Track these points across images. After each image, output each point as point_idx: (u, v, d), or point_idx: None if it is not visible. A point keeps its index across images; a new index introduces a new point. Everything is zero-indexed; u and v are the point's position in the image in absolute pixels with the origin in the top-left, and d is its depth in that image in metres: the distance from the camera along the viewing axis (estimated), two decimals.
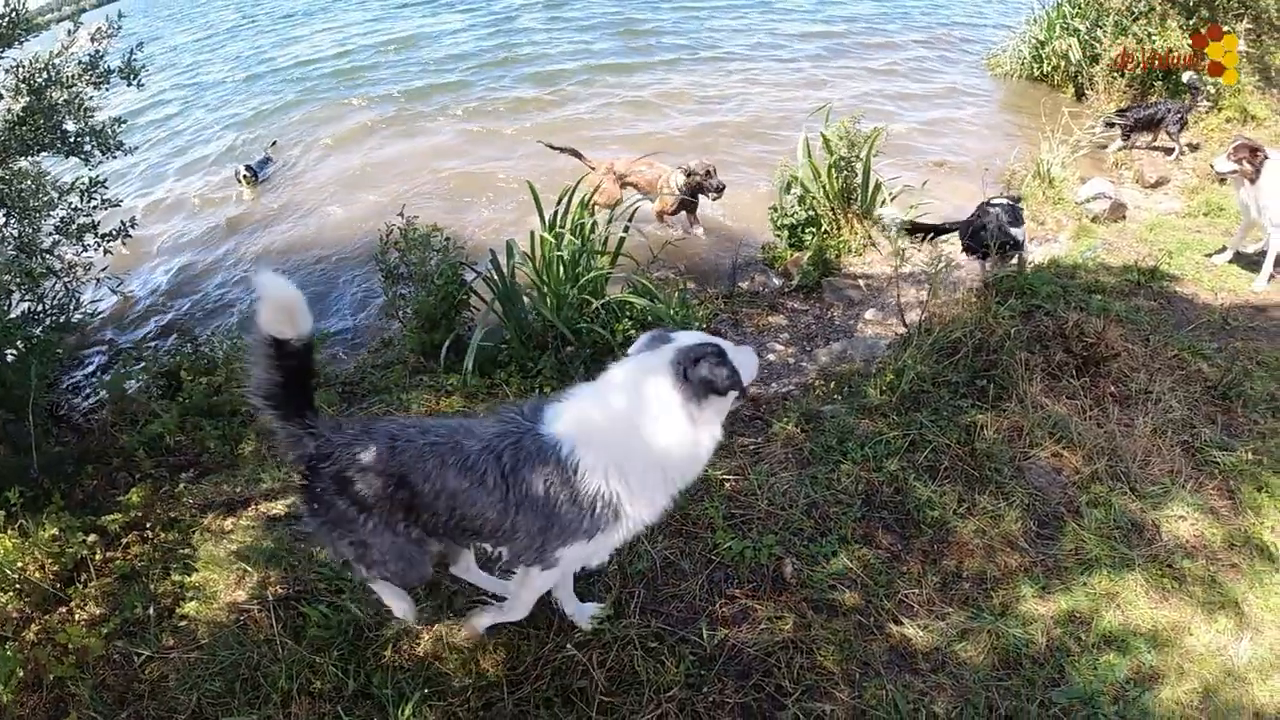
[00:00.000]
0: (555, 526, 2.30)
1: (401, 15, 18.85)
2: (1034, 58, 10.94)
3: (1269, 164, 5.18)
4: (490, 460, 2.26)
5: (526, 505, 2.27)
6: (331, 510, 2.38)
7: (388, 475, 2.30)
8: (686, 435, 2.25)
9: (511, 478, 2.26)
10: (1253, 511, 3.45)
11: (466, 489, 2.27)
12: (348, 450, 2.32)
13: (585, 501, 2.26)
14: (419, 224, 4.69)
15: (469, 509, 2.30)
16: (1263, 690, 2.78)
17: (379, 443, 2.32)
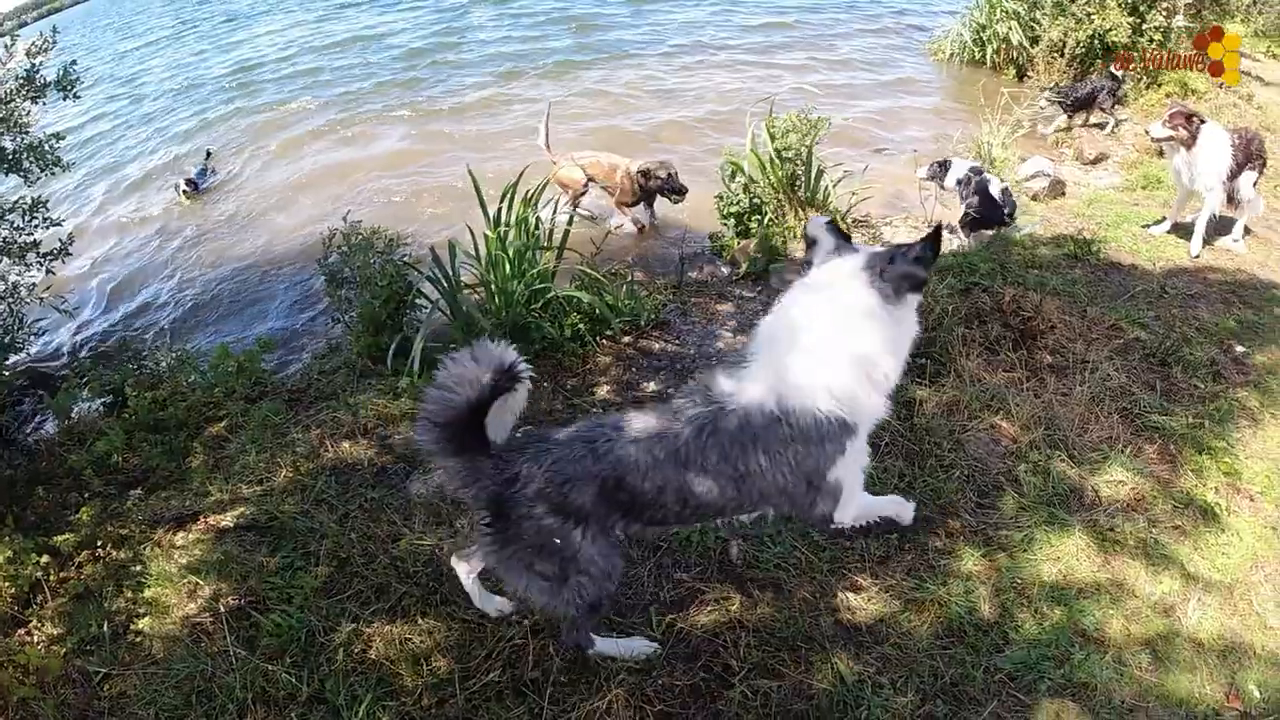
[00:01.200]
0: (801, 470, 2.29)
1: (345, 15, 18.63)
2: (975, 42, 11.10)
3: (1205, 129, 5.30)
4: (705, 441, 2.24)
5: (762, 471, 2.27)
6: (532, 533, 2.30)
7: (603, 479, 2.27)
8: (895, 330, 2.25)
9: (735, 453, 2.24)
10: (1194, 474, 3.57)
11: (693, 478, 2.26)
12: (544, 465, 2.27)
13: (821, 434, 2.24)
14: (362, 227, 4.67)
15: (706, 495, 2.30)
16: (1211, 650, 2.87)
17: (577, 449, 2.29)
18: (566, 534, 2.30)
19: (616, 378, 4.45)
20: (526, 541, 2.32)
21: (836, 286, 2.23)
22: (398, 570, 3.14)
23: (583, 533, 2.32)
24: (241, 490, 3.72)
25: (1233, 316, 4.74)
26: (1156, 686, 2.74)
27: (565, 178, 6.75)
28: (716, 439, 2.24)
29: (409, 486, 3.64)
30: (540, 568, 2.37)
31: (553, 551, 2.32)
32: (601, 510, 2.31)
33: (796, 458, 2.26)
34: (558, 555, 2.33)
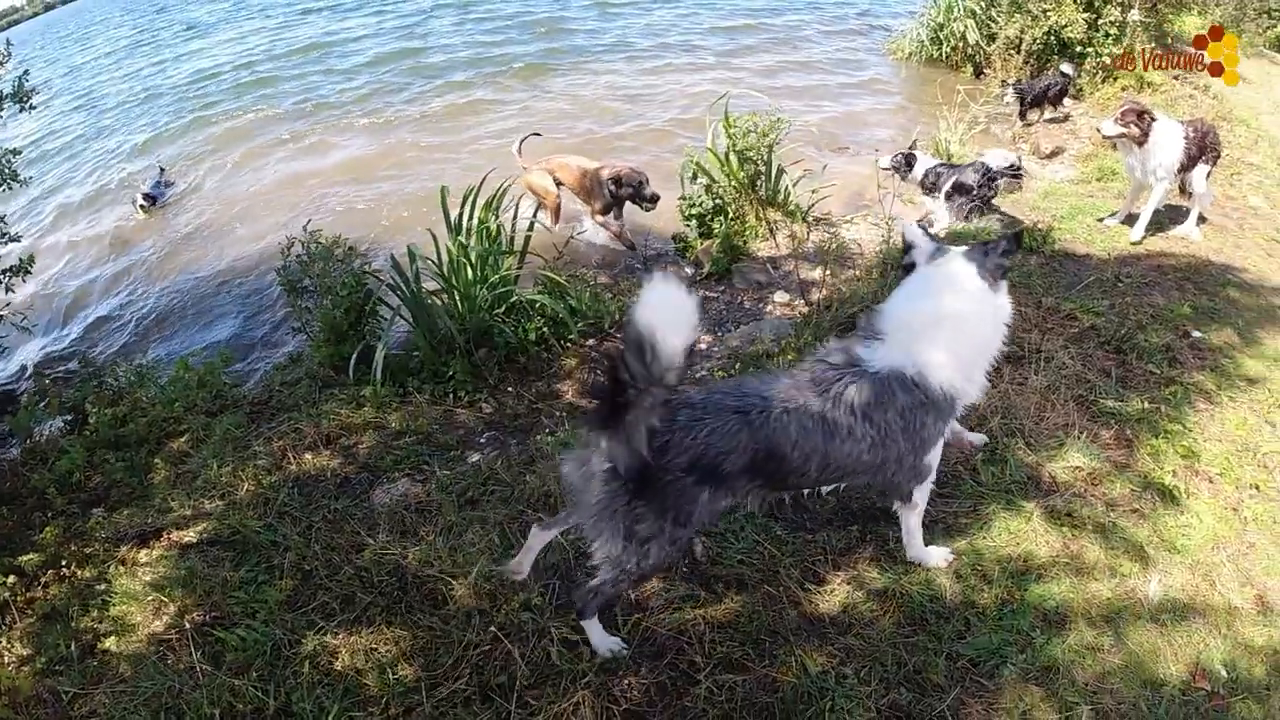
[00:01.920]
0: (919, 439, 2.54)
1: (306, 21, 18.50)
2: (932, 40, 11.26)
3: (1157, 126, 5.35)
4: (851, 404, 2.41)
5: (894, 434, 2.48)
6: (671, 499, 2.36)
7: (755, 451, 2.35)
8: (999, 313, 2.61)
9: (878, 416, 2.43)
10: (1151, 458, 3.62)
11: (837, 444, 2.41)
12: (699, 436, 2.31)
13: (940, 407, 2.51)
14: (322, 235, 4.64)
15: (844, 460, 2.47)
16: (1178, 630, 2.92)
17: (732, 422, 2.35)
18: (696, 500, 2.39)
19: (582, 380, 4.47)
20: (655, 507, 2.36)
21: (957, 275, 2.57)
22: (362, 580, 3.13)
23: (708, 498, 2.41)
24: (204, 505, 3.69)
25: (1187, 302, 4.81)
26: (1121, 668, 2.78)
27: (536, 185, 6.66)
28: (861, 400, 2.42)
29: (373, 496, 3.63)
30: (645, 532, 2.40)
31: (675, 519, 2.40)
32: (743, 480, 2.43)
33: (920, 424, 2.51)
34: (672, 522, 2.40)
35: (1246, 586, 3.15)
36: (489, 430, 4.09)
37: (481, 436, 4.05)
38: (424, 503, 3.51)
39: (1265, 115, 9.36)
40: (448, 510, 3.41)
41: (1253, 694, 2.74)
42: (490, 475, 3.59)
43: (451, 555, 3.14)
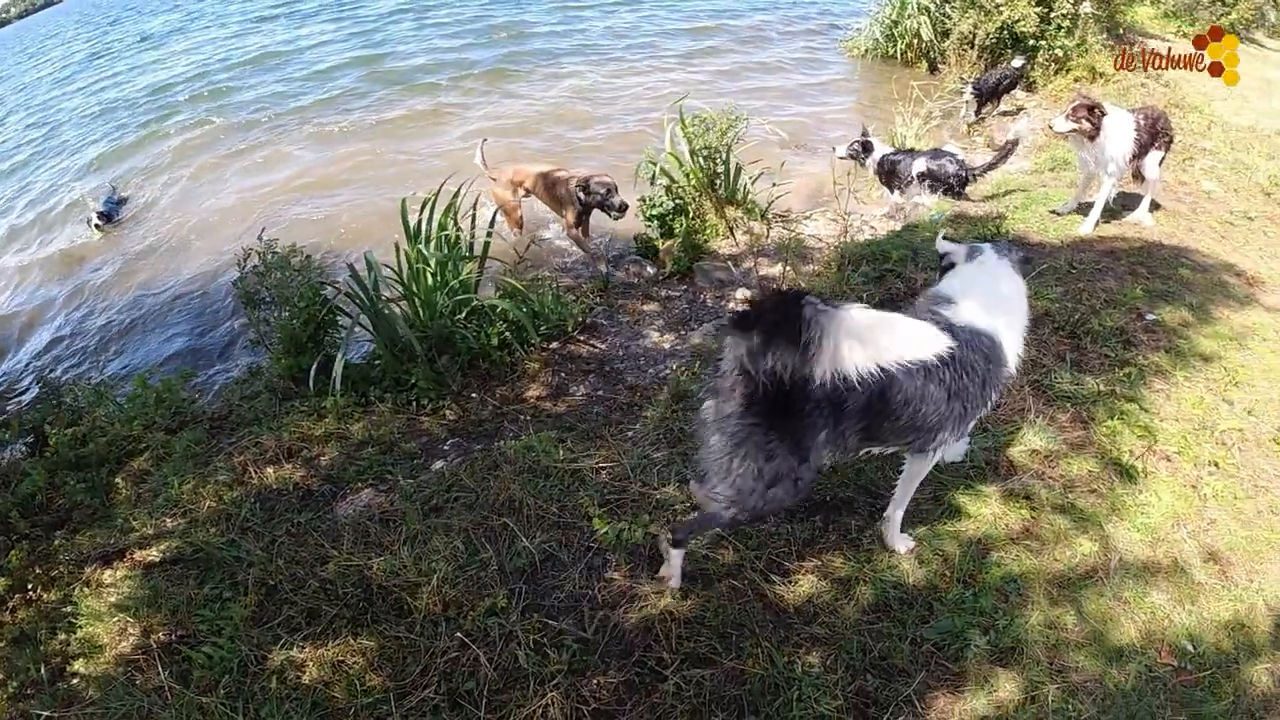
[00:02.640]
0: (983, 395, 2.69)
1: (261, 30, 18.28)
2: (887, 38, 11.39)
3: (1108, 120, 5.40)
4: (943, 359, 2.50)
5: (975, 386, 2.63)
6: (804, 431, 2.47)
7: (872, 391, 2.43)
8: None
9: (962, 372, 2.58)
10: (1108, 438, 3.68)
11: (931, 391, 2.54)
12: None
13: (1003, 369, 2.72)
14: (279, 245, 4.59)
15: (926, 410, 2.57)
16: (1141, 607, 2.98)
17: None
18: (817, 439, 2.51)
19: (546, 383, 4.46)
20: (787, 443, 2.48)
21: (1001, 267, 2.89)
22: (327, 593, 3.10)
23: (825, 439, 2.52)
24: (166, 523, 3.64)
25: (1140, 286, 4.90)
26: (1085, 646, 2.83)
27: (500, 196, 6.54)
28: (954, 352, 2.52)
29: (336, 508, 3.59)
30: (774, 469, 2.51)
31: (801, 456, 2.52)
32: (853, 422, 2.53)
33: (992, 381, 2.70)
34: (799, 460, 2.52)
35: (1209, 562, 3.21)
36: (453, 437, 4.07)
37: (445, 443, 4.03)
38: (388, 512, 3.48)
39: (1218, 101, 9.53)
40: (412, 519, 3.38)
41: (1220, 668, 2.80)
42: (454, 482, 3.57)
43: (417, 564, 3.12)
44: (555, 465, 3.54)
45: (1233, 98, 9.86)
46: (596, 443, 3.75)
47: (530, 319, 4.60)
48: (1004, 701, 2.64)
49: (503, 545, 3.21)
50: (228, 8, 24.80)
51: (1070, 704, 2.64)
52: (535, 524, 3.29)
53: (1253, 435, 3.86)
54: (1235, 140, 8.21)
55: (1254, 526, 3.39)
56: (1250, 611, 3.03)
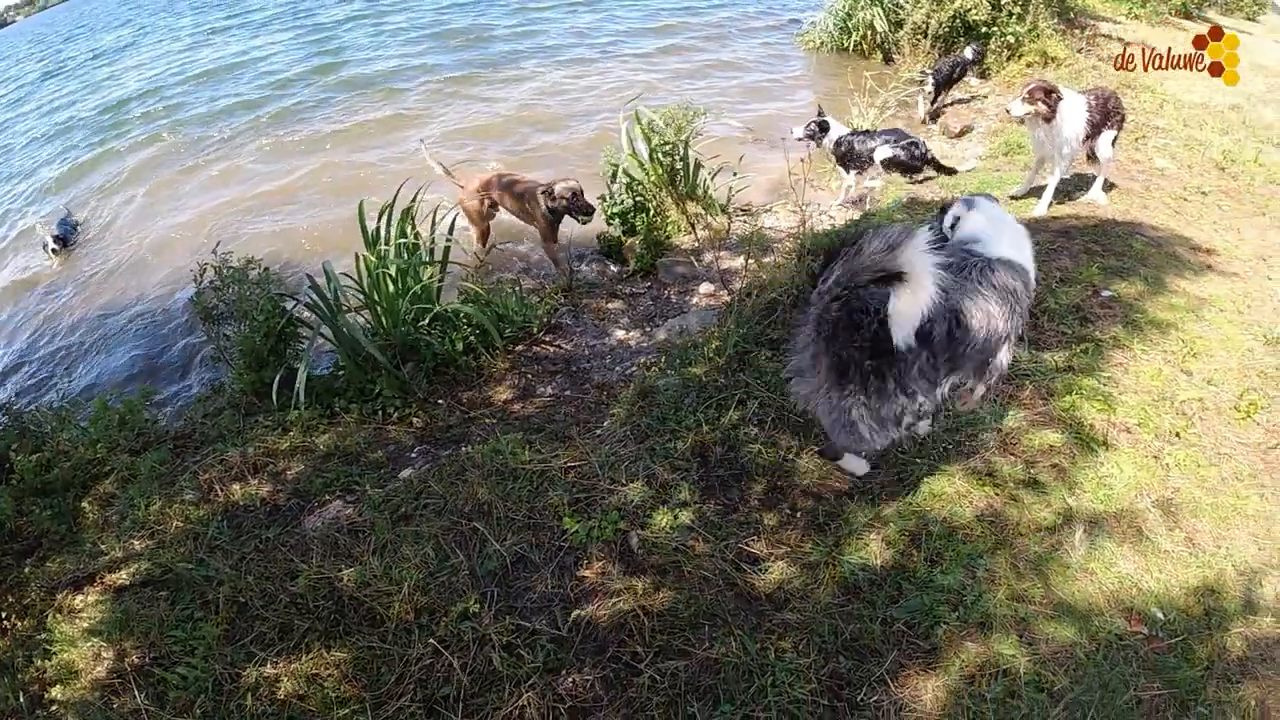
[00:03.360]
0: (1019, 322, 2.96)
1: (214, 42, 18.01)
2: (841, 30, 11.48)
3: (1064, 103, 5.49)
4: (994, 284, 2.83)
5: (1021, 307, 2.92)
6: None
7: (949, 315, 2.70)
8: None
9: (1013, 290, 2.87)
10: (1068, 413, 3.73)
11: (994, 309, 2.80)
12: None
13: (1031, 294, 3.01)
14: (235, 258, 4.54)
15: (994, 330, 2.83)
16: (1109, 578, 3.01)
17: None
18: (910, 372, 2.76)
19: (513, 385, 4.46)
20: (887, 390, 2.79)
21: (995, 210, 3.24)
22: (298, 607, 3.08)
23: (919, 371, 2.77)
24: (134, 545, 3.60)
25: (1095, 264, 4.96)
26: (1054, 618, 2.86)
27: (468, 208, 6.38)
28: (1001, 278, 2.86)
29: (304, 522, 3.56)
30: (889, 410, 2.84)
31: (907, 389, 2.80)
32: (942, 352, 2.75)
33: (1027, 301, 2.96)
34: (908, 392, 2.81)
35: (1175, 530, 3.26)
36: (420, 444, 4.05)
37: (412, 451, 4.01)
38: (356, 523, 3.45)
39: (1170, 81, 9.67)
40: (381, 528, 3.36)
41: (1193, 634, 2.83)
42: (423, 489, 3.55)
43: (387, 573, 3.10)
44: (523, 467, 3.53)
45: (1185, 76, 10.04)
46: (565, 443, 3.75)
47: (495, 322, 4.58)
48: (976, 676, 2.67)
49: (473, 549, 3.20)
50: (179, 21, 24.51)
51: (1042, 675, 2.67)
52: (505, 526, 3.28)
53: (1213, 404, 3.93)
54: (1188, 117, 8.34)
55: (1219, 493, 3.44)
56: (1220, 577, 3.07)
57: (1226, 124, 8.43)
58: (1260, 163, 7.29)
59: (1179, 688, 2.67)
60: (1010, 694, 2.62)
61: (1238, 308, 4.79)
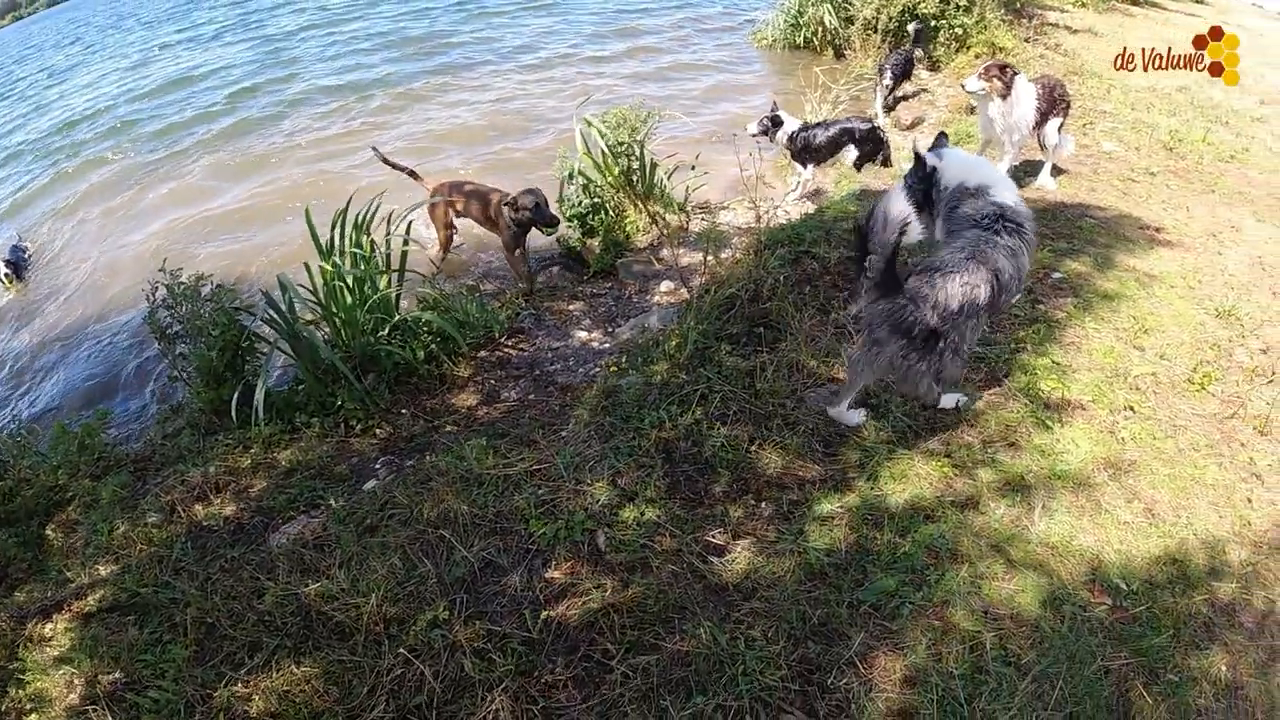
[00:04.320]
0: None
1: (164, 58, 17.64)
2: (793, 26, 11.59)
3: (1019, 80, 5.63)
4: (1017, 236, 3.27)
5: (1032, 249, 3.39)
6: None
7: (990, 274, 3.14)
8: None
9: (1026, 236, 3.32)
10: (1021, 393, 3.81)
11: (1018, 260, 3.24)
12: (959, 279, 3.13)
13: None
14: (187, 275, 4.47)
15: (1019, 273, 3.29)
16: (1070, 551, 3.08)
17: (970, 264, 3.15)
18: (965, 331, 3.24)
19: (477, 391, 4.45)
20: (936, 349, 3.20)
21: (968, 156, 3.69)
22: (267, 625, 3.05)
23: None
24: (100, 571, 3.54)
25: (1046, 247, 5.05)
26: (1017, 593, 2.92)
27: (434, 217, 6.28)
28: (1018, 230, 3.28)
29: (269, 539, 3.53)
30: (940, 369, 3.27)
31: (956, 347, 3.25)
32: (982, 312, 3.21)
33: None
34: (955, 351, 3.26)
35: (1133, 501, 3.34)
36: (384, 455, 4.03)
37: (376, 462, 3.98)
38: (322, 537, 3.42)
39: None
40: (347, 541, 3.33)
41: (1158, 603, 2.90)
42: (388, 500, 3.53)
43: (354, 585, 3.08)
44: (488, 473, 3.53)
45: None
46: (530, 446, 3.75)
47: (456, 328, 4.57)
48: (943, 653, 2.71)
49: (440, 557, 3.18)
50: (128, 37, 24.06)
51: (1008, 650, 2.73)
52: (472, 532, 3.27)
53: (1166, 378, 4.02)
54: (1135, 101, 8.51)
55: (1176, 464, 3.52)
56: (1181, 546, 3.15)
57: (1174, 105, 8.62)
58: (1209, 141, 7.48)
59: (1146, 656, 2.74)
60: (978, 669, 2.66)
61: (1188, 283, 4.91)
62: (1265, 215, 6.06)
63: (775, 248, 4.71)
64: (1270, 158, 7.58)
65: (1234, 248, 5.50)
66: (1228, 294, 4.80)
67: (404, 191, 6.40)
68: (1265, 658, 2.81)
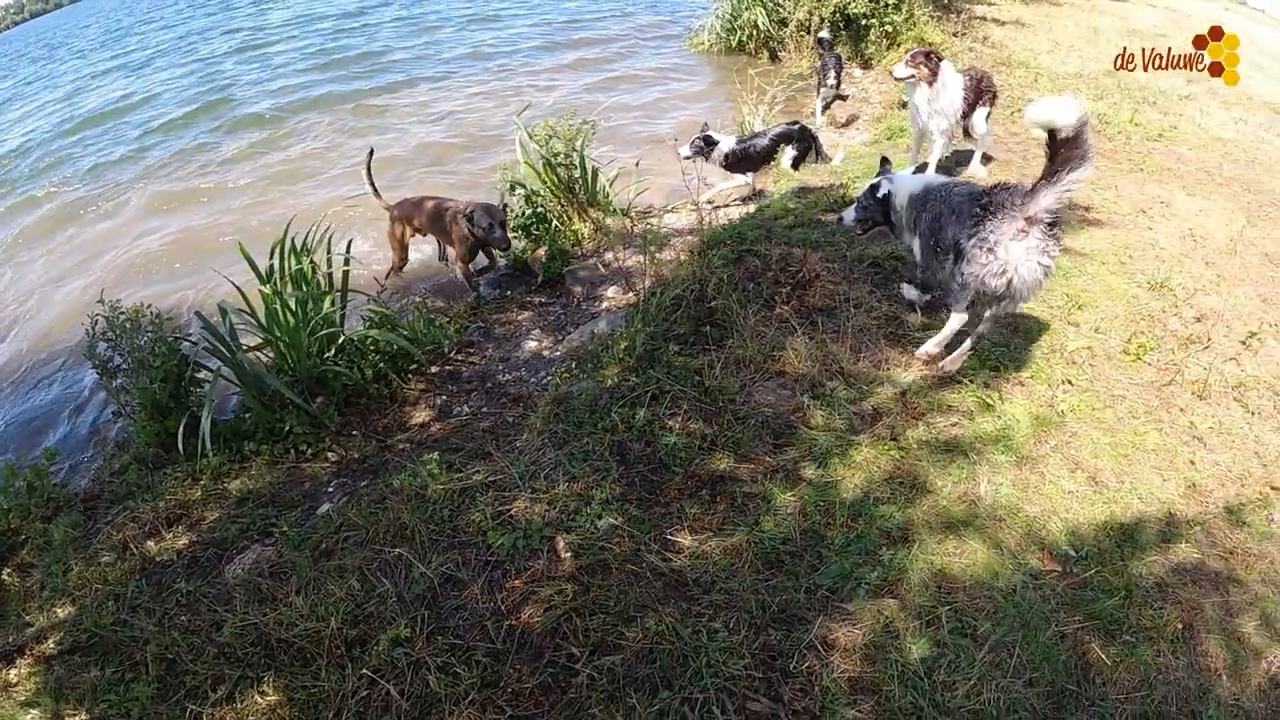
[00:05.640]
0: None
1: (96, 88, 17.13)
2: (728, 30, 11.75)
3: (944, 66, 5.78)
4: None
5: None
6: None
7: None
8: None
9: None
10: (962, 374, 3.91)
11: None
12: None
13: None
14: (125, 306, 4.38)
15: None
16: (1017, 522, 3.18)
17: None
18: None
19: (429, 408, 4.43)
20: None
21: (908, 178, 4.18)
22: (228, 657, 2.99)
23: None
24: (58, 613, 3.46)
25: None
26: (970, 566, 3.01)
27: (389, 235, 6.13)
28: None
29: (224, 570, 3.47)
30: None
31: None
32: None
33: None
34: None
35: (1076, 470, 3.46)
36: (337, 478, 3.98)
37: (329, 485, 3.94)
38: (277, 565, 3.38)
39: (1044, 54, 10.18)
40: (303, 567, 3.30)
41: (1107, 567, 3.00)
42: (343, 522, 3.49)
43: (313, 610, 3.04)
44: (443, 488, 3.51)
45: (1059, 49, 10.54)
46: (484, 459, 3.74)
47: (407, 345, 4.54)
48: (901, 630, 2.78)
49: (399, 576, 3.16)
50: (60, 67, 23.42)
51: (964, 622, 2.81)
52: (430, 549, 3.25)
53: (1102, 351, 4.17)
54: (1062, 88, 8.73)
55: (1116, 432, 3.66)
56: (1126, 510, 3.28)
57: (1101, 89, 8.87)
58: (1136, 122, 7.72)
59: (1100, 618, 2.83)
60: (936, 643, 2.73)
61: (1120, 259, 5.08)
62: (1195, 189, 6.28)
63: (718, 247, 4.78)
64: (1198, 133, 7.86)
65: (1164, 222, 5.70)
66: (1159, 267, 4.97)
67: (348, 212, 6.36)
68: (1222, 614, 2.91)
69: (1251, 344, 4.24)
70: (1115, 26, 12.11)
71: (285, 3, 26.72)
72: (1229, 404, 3.90)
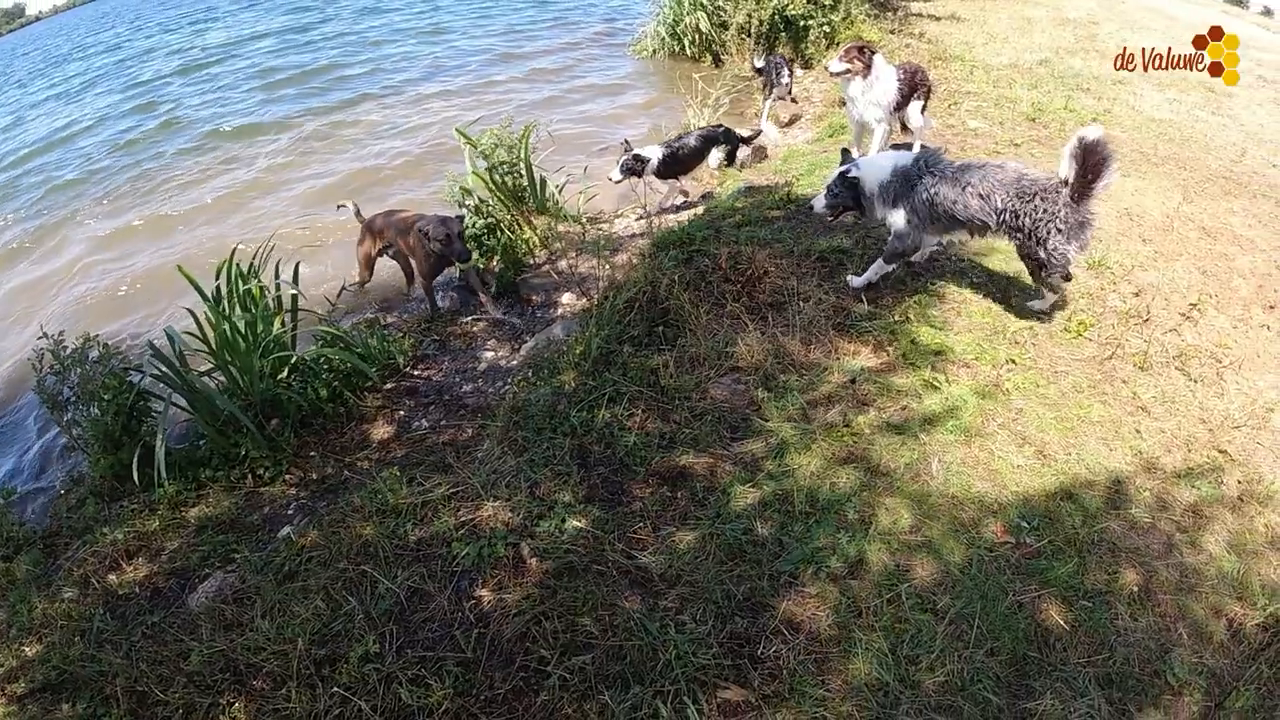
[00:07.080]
0: None
1: (31, 121, 16.48)
2: (671, 35, 11.86)
3: (877, 59, 5.93)
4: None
5: None
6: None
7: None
8: None
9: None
10: (908, 360, 4.02)
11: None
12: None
13: None
14: (72, 338, 4.31)
15: None
16: (969, 500, 3.27)
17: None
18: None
19: (387, 423, 4.42)
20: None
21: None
22: (197, 685, 2.96)
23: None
24: (26, 651, 3.38)
25: None
26: (926, 544, 3.09)
27: (359, 249, 6.02)
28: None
29: (187, 600, 3.44)
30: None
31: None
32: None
33: None
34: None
35: (1024, 445, 3.57)
36: (297, 500, 3.96)
37: (289, 508, 3.91)
38: (240, 590, 3.35)
39: (979, 47, 10.37)
40: (267, 591, 3.28)
41: (1060, 535, 3.10)
42: (304, 544, 3.48)
43: (280, 633, 3.04)
44: (405, 502, 3.51)
45: (994, 41, 10.73)
46: (446, 471, 3.75)
47: (361, 362, 4.53)
48: (863, 609, 2.86)
49: (365, 593, 3.16)
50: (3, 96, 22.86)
51: (924, 598, 2.89)
52: (395, 564, 3.25)
53: (1044, 330, 4.30)
54: (998, 79, 8.90)
55: (1060, 407, 3.77)
56: (1075, 481, 3.38)
57: (1035, 79, 9.03)
58: (1070, 109, 7.91)
59: (1056, 585, 2.93)
60: (898, 620, 2.82)
61: None
62: (1130, 170, 6.45)
63: (668, 249, 4.84)
64: (1133, 115, 8.07)
65: (1100, 203, 5.85)
66: (1097, 246, 5.11)
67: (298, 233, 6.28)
68: (1177, 575, 3.02)
69: (1192, 315, 4.39)
70: (1048, 17, 12.39)
71: (223, 22, 26.33)
72: (1171, 374, 4.02)
